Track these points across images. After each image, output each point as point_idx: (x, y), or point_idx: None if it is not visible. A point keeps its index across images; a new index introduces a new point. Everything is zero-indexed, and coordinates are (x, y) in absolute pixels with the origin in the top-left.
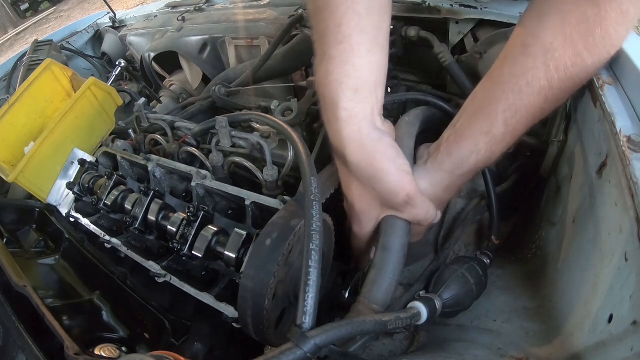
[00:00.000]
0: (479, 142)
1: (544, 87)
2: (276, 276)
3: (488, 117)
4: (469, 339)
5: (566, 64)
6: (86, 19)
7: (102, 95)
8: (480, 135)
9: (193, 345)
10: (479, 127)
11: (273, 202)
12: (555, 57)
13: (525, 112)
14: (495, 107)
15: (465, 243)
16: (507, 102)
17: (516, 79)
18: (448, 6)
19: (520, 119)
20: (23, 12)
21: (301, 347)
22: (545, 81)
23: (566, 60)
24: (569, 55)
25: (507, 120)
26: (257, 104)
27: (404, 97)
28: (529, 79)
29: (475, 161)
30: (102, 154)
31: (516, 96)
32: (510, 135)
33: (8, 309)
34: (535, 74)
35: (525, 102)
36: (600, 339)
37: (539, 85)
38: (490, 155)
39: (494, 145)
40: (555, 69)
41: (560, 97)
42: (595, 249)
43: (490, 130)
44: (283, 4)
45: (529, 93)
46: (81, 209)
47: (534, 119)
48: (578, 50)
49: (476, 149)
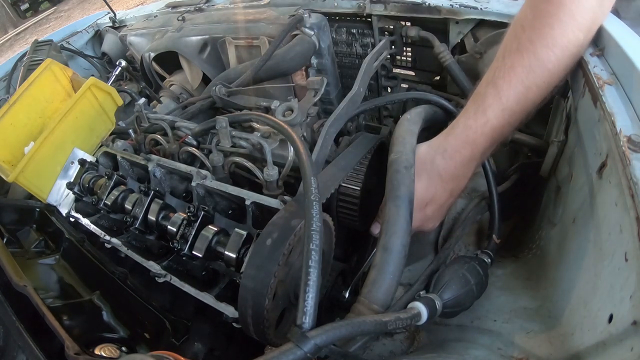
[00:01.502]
0: (470, 110)
1: (541, 64)
2: (276, 276)
3: (481, 94)
4: (469, 339)
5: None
6: (86, 19)
7: (102, 95)
8: (471, 107)
9: (193, 345)
10: (471, 103)
11: (273, 202)
12: (548, 37)
13: (521, 85)
14: (488, 83)
15: (465, 243)
16: (503, 77)
17: (512, 60)
18: (448, 6)
19: (517, 92)
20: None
21: (301, 347)
22: (543, 59)
23: (558, 38)
24: (560, 33)
25: (500, 93)
26: (257, 104)
27: (404, 97)
28: (524, 58)
29: (465, 119)
30: (102, 154)
31: (512, 74)
32: (505, 104)
33: (8, 309)
34: (532, 54)
35: (521, 78)
36: (600, 339)
37: (536, 63)
38: (476, 111)
39: (482, 102)
40: (551, 46)
41: (560, 72)
42: (595, 249)
43: (483, 102)
44: (283, 4)
45: (525, 71)
46: (81, 209)
47: (533, 94)
48: (568, 27)
49: (465, 110)
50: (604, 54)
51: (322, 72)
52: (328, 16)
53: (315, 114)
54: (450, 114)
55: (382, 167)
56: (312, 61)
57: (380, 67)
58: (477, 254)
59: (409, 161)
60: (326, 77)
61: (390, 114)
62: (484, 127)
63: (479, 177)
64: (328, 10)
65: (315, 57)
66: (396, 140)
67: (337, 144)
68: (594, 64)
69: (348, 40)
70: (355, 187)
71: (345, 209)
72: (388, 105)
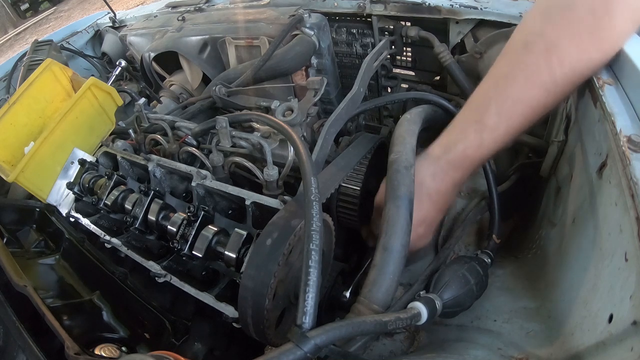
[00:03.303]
0: (468, 128)
1: (546, 82)
2: (276, 276)
3: (479, 106)
4: (469, 339)
5: (571, 59)
6: (86, 19)
7: (102, 95)
8: (469, 123)
9: (193, 345)
10: (469, 115)
11: (273, 202)
12: (560, 53)
13: (521, 104)
14: (489, 97)
15: (465, 243)
16: (501, 92)
17: (514, 73)
18: (448, 6)
19: (517, 110)
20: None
21: (301, 347)
22: (547, 76)
23: (572, 56)
24: (575, 51)
25: (500, 110)
26: (257, 104)
27: (404, 97)
28: (528, 73)
29: (463, 148)
30: (102, 154)
31: (513, 88)
32: (504, 125)
33: (8, 309)
34: (536, 69)
35: (522, 94)
36: (600, 339)
37: (540, 79)
38: (480, 144)
39: (484, 133)
40: (559, 64)
41: (565, 91)
42: (595, 249)
43: (481, 118)
44: (283, 4)
45: (527, 86)
46: (81, 209)
47: (534, 112)
48: (584, 45)
49: (464, 135)
50: None
51: (322, 72)
52: (328, 16)
53: (315, 114)
54: (451, 114)
55: (382, 167)
56: (312, 61)
57: (380, 67)
58: (477, 254)
59: (409, 161)
60: (326, 77)
61: (390, 114)
62: (480, 151)
63: (479, 177)
64: (328, 10)
65: (315, 57)
66: (396, 140)
67: (337, 144)
68: None
69: (348, 40)
70: (355, 187)
71: (345, 209)
72: (388, 105)
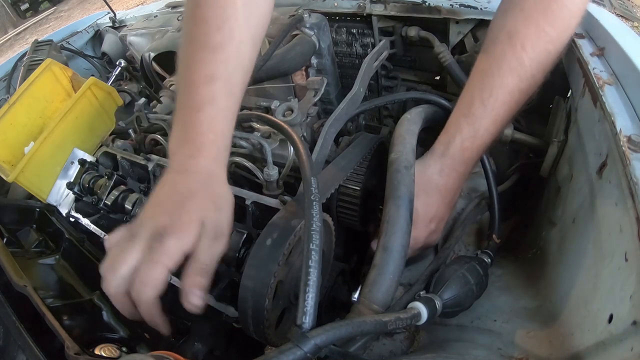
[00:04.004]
0: (461, 122)
1: (515, 67)
2: (276, 276)
3: (467, 100)
4: (469, 339)
5: (531, 40)
6: (86, 19)
7: (102, 95)
8: (461, 117)
9: (193, 345)
10: (460, 110)
11: (273, 202)
12: (520, 38)
13: (500, 91)
14: (473, 90)
15: (465, 243)
16: (482, 84)
17: (489, 65)
18: (448, 6)
19: (497, 97)
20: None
21: (301, 347)
22: (514, 61)
23: (531, 37)
24: (532, 32)
25: (484, 100)
26: (257, 104)
27: (404, 97)
28: (499, 62)
29: (460, 141)
30: (102, 154)
31: (489, 78)
32: (490, 114)
33: (8, 309)
34: (504, 57)
35: (498, 82)
36: (600, 339)
37: (509, 66)
38: (475, 134)
39: (475, 124)
40: (521, 47)
41: (535, 74)
42: (595, 249)
43: (469, 111)
44: (283, 4)
45: (500, 74)
46: (81, 209)
47: (513, 98)
48: (540, 26)
49: (459, 129)
50: (604, 54)
51: (322, 72)
52: (328, 16)
53: (315, 114)
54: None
55: (382, 167)
56: (312, 61)
57: (380, 67)
58: (477, 254)
59: (409, 161)
60: (326, 77)
61: (390, 114)
62: (477, 142)
63: (478, 177)
64: (328, 10)
65: (315, 57)
66: (396, 139)
67: (337, 144)
68: (594, 64)
69: (348, 40)
70: (355, 187)
71: (345, 209)
72: (388, 105)
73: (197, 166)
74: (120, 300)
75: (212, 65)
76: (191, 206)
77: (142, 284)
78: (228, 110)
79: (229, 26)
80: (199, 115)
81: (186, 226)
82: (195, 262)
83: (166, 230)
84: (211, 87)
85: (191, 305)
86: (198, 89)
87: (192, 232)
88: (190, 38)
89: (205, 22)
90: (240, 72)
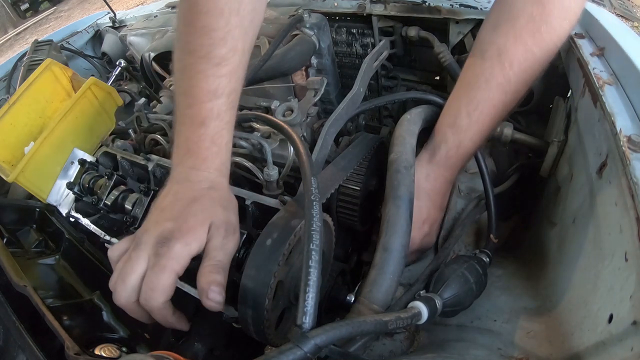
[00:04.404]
0: (447, 132)
1: (502, 83)
2: (276, 276)
3: (453, 110)
4: (469, 339)
5: (519, 59)
6: (86, 19)
7: (102, 95)
8: (447, 127)
9: (193, 345)
10: (446, 120)
11: (273, 202)
12: (509, 56)
13: (485, 104)
14: (459, 102)
15: (465, 243)
16: (468, 97)
17: (476, 78)
18: (448, 6)
19: (483, 110)
20: (23, 12)
21: (301, 347)
22: (502, 78)
23: (518, 57)
24: (520, 52)
25: (470, 113)
26: (257, 104)
27: (404, 97)
28: (487, 76)
29: (445, 150)
30: (102, 154)
31: (476, 92)
32: (475, 126)
33: (8, 309)
34: (492, 72)
35: (484, 96)
36: (600, 339)
37: (496, 81)
38: (459, 144)
39: (460, 134)
40: (509, 65)
41: (519, 89)
42: (595, 249)
43: (455, 122)
44: (283, 4)
45: (487, 89)
46: (81, 209)
47: (497, 111)
48: (528, 46)
49: (444, 138)
50: (604, 54)
51: (322, 72)
52: (328, 16)
53: (315, 114)
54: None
55: (383, 167)
56: (312, 61)
57: (380, 67)
58: (476, 254)
59: (408, 161)
60: (326, 77)
61: (390, 114)
62: (461, 151)
63: (478, 177)
64: (328, 10)
65: (315, 57)
66: (396, 140)
67: (337, 144)
68: (594, 64)
69: (348, 40)
70: (355, 187)
71: (345, 209)
72: (388, 105)
73: (200, 176)
74: (134, 310)
75: (216, 80)
76: (197, 209)
77: (150, 291)
78: (231, 123)
79: (232, 37)
80: (203, 130)
81: (193, 229)
82: (210, 260)
83: (173, 235)
84: (215, 102)
85: (211, 302)
86: (202, 105)
87: (199, 235)
88: (190, 48)
89: (207, 34)
90: (241, 83)
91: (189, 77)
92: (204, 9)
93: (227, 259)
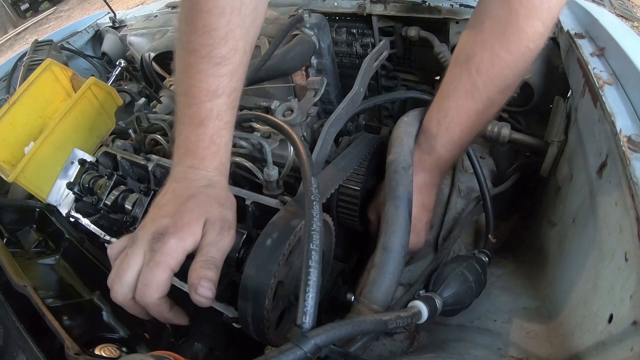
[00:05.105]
0: (420, 138)
1: (469, 90)
2: (276, 276)
3: (427, 117)
4: (469, 339)
5: (485, 65)
6: (86, 19)
7: (102, 95)
8: (421, 133)
9: (193, 345)
10: (422, 125)
11: (273, 202)
12: (475, 61)
13: (455, 112)
14: (432, 109)
15: (465, 243)
16: (439, 105)
17: (447, 86)
18: (448, 6)
19: (453, 118)
20: (23, 12)
21: (301, 347)
22: (469, 85)
23: (485, 62)
24: (487, 57)
25: (440, 120)
26: (257, 104)
27: (403, 96)
28: (455, 84)
29: (419, 154)
30: (102, 154)
31: (445, 99)
32: (446, 133)
33: (8, 309)
34: (460, 79)
35: (453, 104)
36: (600, 339)
37: (464, 88)
38: (431, 150)
39: (431, 141)
40: (476, 71)
41: (491, 97)
42: (595, 249)
43: (426, 129)
44: (283, 4)
45: (455, 97)
46: (81, 209)
47: (469, 119)
48: (494, 51)
49: (419, 143)
50: (604, 54)
51: (322, 72)
52: (328, 16)
53: (315, 114)
54: None
55: (382, 168)
56: (312, 61)
57: (380, 67)
58: (475, 253)
59: (406, 162)
60: (326, 77)
61: (391, 114)
62: (434, 156)
63: None
64: (328, 10)
65: (315, 57)
66: (394, 141)
67: (337, 144)
68: (594, 64)
69: (348, 40)
70: (355, 188)
71: (345, 209)
72: (388, 105)
73: (198, 175)
74: (132, 307)
75: (217, 79)
76: (193, 206)
77: (145, 287)
78: (231, 123)
79: (233, 37)
80: (202, 129)
81: (188, 225)
82: (202, 256)
83: (168, 231)
84: (215, 102)
85: (200, 298)
86: (202, 104)
87: (194, 230)
88: (191, 47)
89: (208, 33)
90: (242, 83)
91: (189, 77)
92: (205, 7)
93: (221, 255)
